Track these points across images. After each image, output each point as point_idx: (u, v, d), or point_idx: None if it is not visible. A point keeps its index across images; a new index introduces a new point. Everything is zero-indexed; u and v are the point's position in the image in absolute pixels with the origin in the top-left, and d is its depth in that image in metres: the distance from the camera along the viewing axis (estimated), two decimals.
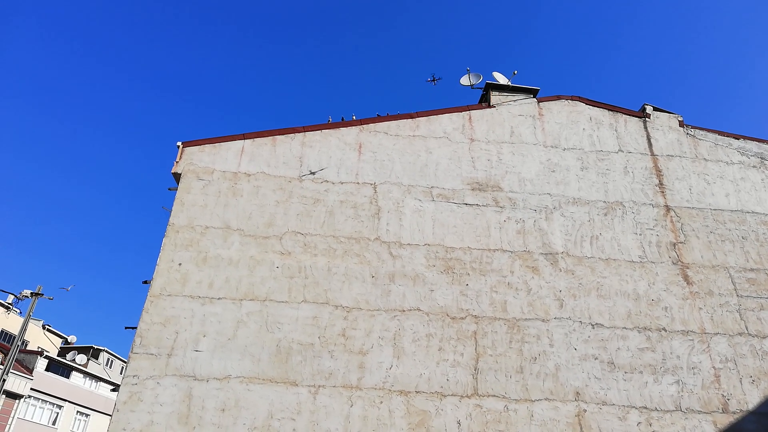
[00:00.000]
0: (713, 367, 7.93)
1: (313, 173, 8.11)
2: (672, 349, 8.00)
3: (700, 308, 8.42)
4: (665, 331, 8.16)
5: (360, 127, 9.54)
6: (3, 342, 37.79)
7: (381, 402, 7.22)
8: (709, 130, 10.35)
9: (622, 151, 9.89)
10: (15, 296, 24.19)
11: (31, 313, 23.63)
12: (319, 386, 7.26)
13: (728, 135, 10.36)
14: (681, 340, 8.10)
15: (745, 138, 10.38)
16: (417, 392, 7.34)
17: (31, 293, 24.28)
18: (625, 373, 7.76)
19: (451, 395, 7.36)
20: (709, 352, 8.05)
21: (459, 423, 7.19)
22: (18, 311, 41.29)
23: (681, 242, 9.02)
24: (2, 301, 41.21)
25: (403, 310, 7.91)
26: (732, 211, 9.48)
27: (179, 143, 8.99)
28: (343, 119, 11.99)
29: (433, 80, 18.37)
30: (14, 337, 40.50)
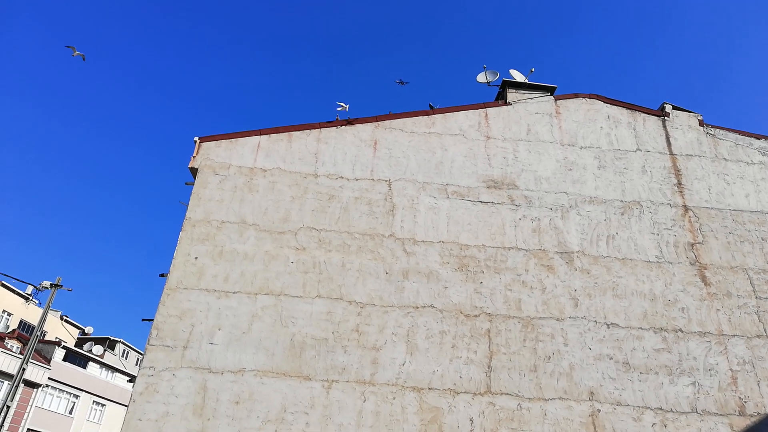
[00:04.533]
0: (730, 369, 7.83)
1: (342, 107, 8.46)
2: (688, 351, 7.92)
3: (718, 309, 8.32)
4: (682, 332, 8.07)
5: (375, 123, 9.54)
6: (22, 332, 38.50)
7: (394, 398, 7.25)
8: (729, 130, 10.19)
9: (640, 150, 9.78)
10: (35, 287, 24.60)
11: (50, 304, 24.02)
12: (333, 381, 7.30)
13: (749, 135, 10.19)
14: (698, 342, 8.01)
15: (766, 138, 10.20)
16: (430, 389, 7.35)
17: (51, 284, 24.67)
18: (641, 373, 7.70)
19: (464, 392, 7.36)
20: (726, 353, 7.95)
21: (472, 420, 7.19)
22: (37, 302, 42.06)
23: (699, 243, 8.91)
24: (22, 292, 41.98)
25: (417, 307, 7.92)
26: (752, 211, 9.33)
27: (196, 138, 9.07)
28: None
29: (401, 83, 18.75)
30: (33, 328, 41.26)
